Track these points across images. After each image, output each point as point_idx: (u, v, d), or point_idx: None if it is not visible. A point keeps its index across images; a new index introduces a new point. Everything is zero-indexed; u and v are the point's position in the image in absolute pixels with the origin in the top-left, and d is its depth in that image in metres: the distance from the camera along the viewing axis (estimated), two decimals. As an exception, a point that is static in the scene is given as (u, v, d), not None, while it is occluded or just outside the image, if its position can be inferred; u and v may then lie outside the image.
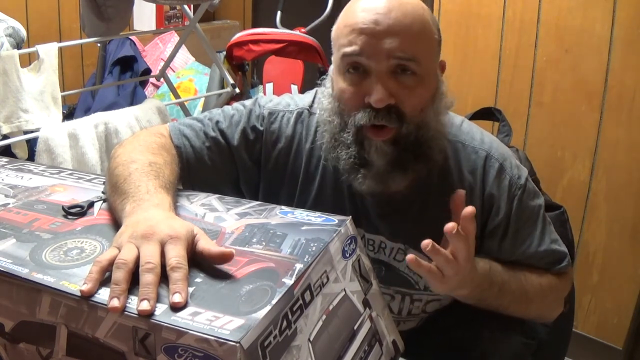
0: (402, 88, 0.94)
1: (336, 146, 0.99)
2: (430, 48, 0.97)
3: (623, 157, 1.87)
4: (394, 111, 0.94)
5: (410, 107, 0.95)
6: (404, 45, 0.92)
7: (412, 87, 0.94)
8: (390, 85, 0.93)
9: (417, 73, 0.94)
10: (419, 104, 0.95)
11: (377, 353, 0.82)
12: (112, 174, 0.88)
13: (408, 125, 0.95)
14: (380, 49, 0.92)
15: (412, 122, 0.95)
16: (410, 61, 0.93)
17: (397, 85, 0.94)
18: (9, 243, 0.75)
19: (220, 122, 1.07)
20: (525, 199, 1.05)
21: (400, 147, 0.96)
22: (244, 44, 2.30)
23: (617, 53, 1.82)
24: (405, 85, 0.94)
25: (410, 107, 0.95)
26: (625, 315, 1.95)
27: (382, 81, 0.93)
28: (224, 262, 0.70)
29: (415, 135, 0.96)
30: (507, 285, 1.02)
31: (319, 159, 1.06)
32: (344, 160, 0.98)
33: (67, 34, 2.83)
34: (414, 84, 0.94)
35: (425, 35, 0.96)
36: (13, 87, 1.69)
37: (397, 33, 0.92)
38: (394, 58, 0.92)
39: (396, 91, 0.93)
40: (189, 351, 0.59)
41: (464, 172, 1.04)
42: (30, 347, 0.69)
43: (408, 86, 0.94)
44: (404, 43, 0.92)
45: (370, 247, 1.07)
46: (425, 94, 0.96)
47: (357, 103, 0.95)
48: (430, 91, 0.97)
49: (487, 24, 2.05)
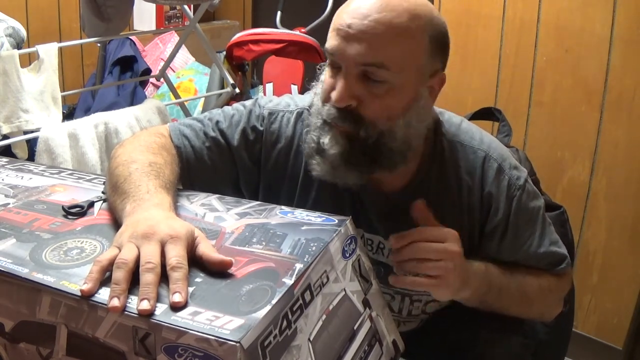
0: (368, 94, 0.92)
1: (308, 131, 1.00)
2: (412, 58, 0.92)
3: (623, 157, 1.87)
4: (353, 115, 0.93)
5: (372, 114, 0.93)
6: (372, 53, 0.90)
7: (379, 94, 0.92)
8: (355, 88, 0.92)
9: (387, 81, 0.91)
10: (383, 112, 0.93)
11: (377, 353, 0.82)
12: (112, 173, 0.89)
13: (368, 130, 0.93)
14: (348, 54, 0.91)
15: (374, 127, 0.93)
16: (377, 68, 0.91)
17: (363, 90, 0.92)
18: (9, 243, 0.75)
19: (220, 122, 1.07)
20: (524, 200, 1.04)
21: (355, 145, 0.94)
22: (244, 44, 2.30)
23: (617, 53, 1.82)
24: (372, 92, 0.92)
25: (372, 114, 0.93)
26: (625, 315, 1.95)
27: (347, 82, 0.92)
28: (222, 269, 0.70)
29: (375, 141, 0.94)
30: (507, 286, 1.02)
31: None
32: (307, 144, 1.00)
33: (67, 34, 2.83)
34: (382, 92, 0.92)
35: (404, 44, 0.91)
36: (13, 87, 1.69)
37: (366, 40, 0.90)
38: (361, 64, 0.91)
39: (360, 95, 0.92)
40: (189, 351, 0.59)
41: (462, 172, 1.04)
42: (31, 347, 0.69)
43: (374, 93, 0.92)
44: (372, 50, 0.90)
45: (369, 247, 1.07)
46: (395, 104, 0.93)
47: (327, 95, 0.95)
48: (402, 101, 0.94)
49: (487, 24, 2.05)
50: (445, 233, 0.93)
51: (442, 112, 1.09)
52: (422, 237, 0.92)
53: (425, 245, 0.91)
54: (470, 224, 1.05)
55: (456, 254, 0.92)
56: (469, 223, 1.05)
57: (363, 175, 0.97)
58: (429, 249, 0.91)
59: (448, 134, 1.05)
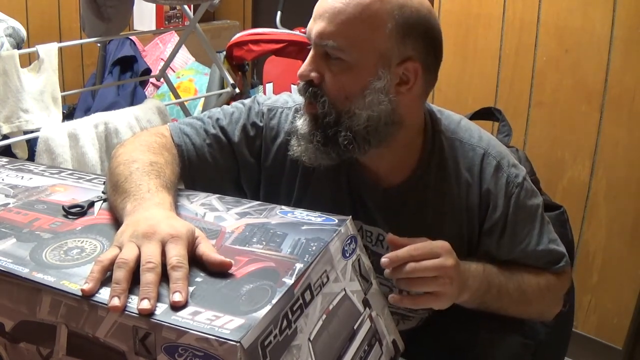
0: (328, 71, 0.96)
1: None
2: (372, 41, 0.93)
3: (623, 157, 1.87)
4: (315, 89, 0.97)
5: (329, 91, 0.96)
6: (330, 31, 0.94)
7: (335, 72, 0.95)
8: (318, 64, 0.96)
9: (344, 60, 0.94)
10: (339, 90, 0.96)
11: (377, 353, 0.82)
12: (113, 173, 0.89)
13: (327, 106, 0.97)
14: (312, 32, 0.96)
15: (333, 105, 0.96)
16: (334, 48, 0.94)
17: (325, 67, 0.96)
18: (9, 243, 0.75)
19: (220, 120, 1.08)
20: (522, 197, 1.05)
21: (319, 125, 0.98)
22: (244, 44, 2.30)
23: (617, 53, 1.82)
24: (330, 69, 0.96)
25: (329, 91, 0.96)
26: (625, 315, 1.95)
27: (312, 59, 0.97)
28: (221, 270, 0.70)
29: (335, 120, 0.97)
30: (505, 285, 1.02)
31: None
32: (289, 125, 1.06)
33: (67, 34, 2.82)
34: (338, 70, 0.95)
35: (364, 24, 0.93)
36: (13, 87, 1.69)
37: (327, 18, 0.94)
38: (317, 40, 0.95)
39: (321, 72, 0.96)
40: (189, 351, 0.59)
41: (461, 169, 1.04)
42: (31, 346, 0.69)
43: (332, 70, 0.96)
44: (331, 29, 0.94)
45: (368, 239, 1.07)
46: (352, 83, 0.95)
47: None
48: (360, 82, 0.95)
49: (487, 24, 2.05)
50: (438, 248, 0.91)
51: (441, 110, 1.09)
52: (416, 255, 0.90)
53: (420, 264, 0.89)
54: (469, 221, 1.05)
55: (451, 267, 0.91)
56: (468, 220, 1.05)
57: (331, 155, 0.99)
58: (424, 268, 0.89)
59: (447, 131, 1.06)
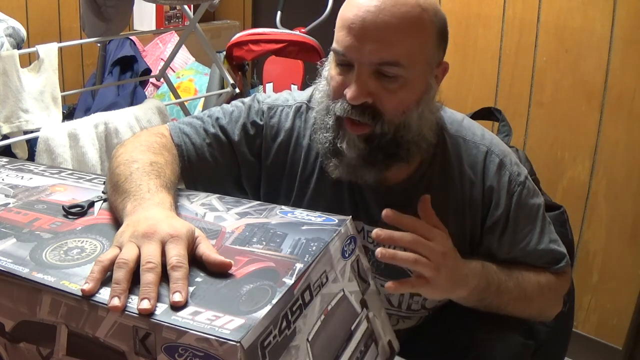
0: (383, 89, 0.93)
1: (319, 128, 1.01)
2: (423, 51, 0.94)
3: (623, 157, 1.87)
4: (370, 110, 0.94)
5: (389, 109, 0.94)
6: (387, 50, 0.91)
7: (393, 90, 0.93)
8: (370, 85, 0.92)
9: (401, 76, 0.93)
10: (399, 106, 0.94)
11: (373, 353, 0.82)
12: (113, 173, 0.89)
13: (384, 125, 0.94)
14: (362, 53, 0.91)
15: (390, 122, 0.95)
16: (392, 66, 0.91)
17: (378, 86, 0.93)
18: (9, 243, 0.75)
19: (220, 119, 1.07)
20: (524, 196, 1.05)
21: (374, 144, 0.96)
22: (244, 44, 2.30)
23: (617, 53, 1.82)
24: (386, 88, 0.93)
25: (389, 109, 0.94)
26: (625, 315, 1.95)
27: (361, 79, 0.92)
28: (221, 271, 0.70)
29: (392, 136, 0.95)
30: (505, 283, 1.02)
31: (318, 152, 1.06)
32: (321, 144, 1.00)
33: (67, 34, 2.83)
34: (396, 87, 0.93)
35: (418, 38, 0.93)
36: (13, 87, 1.69)
37: (380, 38, 0.90)
38: (375, 62, 0.91)
39: (376, 91, 0.93)
40: (189, 351, 0.59)
41: (464, 167, 1.05)
42: (31, 346, 0.69)
43: (389, 89, 0.93)
44: (387, 48, 0.91)
45: (370, 239, 1.07)
46: (409, 97, 0.95)
47: (339, 92, 0.96)
48: (415, 94, 0.95)
49: (487, 24, 2.05)
50: (434, 233, 0.92)
51: (444, 109, 1.09)
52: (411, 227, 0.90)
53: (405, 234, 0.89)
54: (472, 218, 1.05)
55: (439, 254, 0.90)
56: (470, 217, 1.05)
57: (382, 171, 0.99)
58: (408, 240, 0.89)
59: (450, 129, 1.06)
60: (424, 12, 0.93)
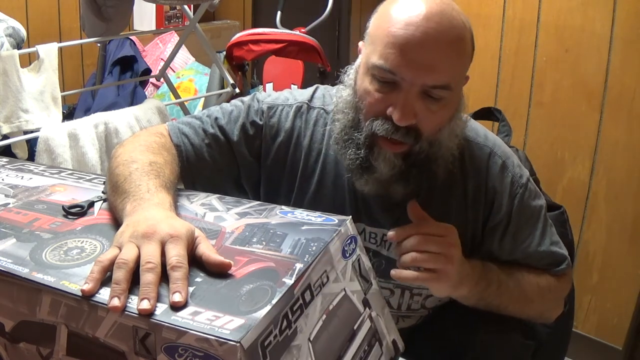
0: (426, 110, 0.93)
1: (346, 141, 0.99)
2: (464, 70, 0.97)
3: (623, 157, 1.87)
4: (413, 131, 0.94)
5: (429, 128, 0.94)
6: (440, 74, 0.91)
7: (435, 110, 0.93)
8: (416, 106, 0.92)
9: (445, 97, 0.93)
10: (438, 125, 0.95)
11: (377, 353, 0.82)
12: (112, 173, 0.89)
13: (422, 143, 0.95)
14: (416, 74, 0.90)
15: (426, 140, 0.95)
16: (442, 89, 0.92)
17: (422, 107, 0.92)
18: (9, 243, 0.75)
19: (219, 119, 1.07)
20: (526, 198, 1.05)
21: (410, 162, 0.96)
22: (244, 44, 2.30)
23: (617, 53, 1.82)
24: (429, 108, 0.93)
25: (429, 128, 0.94)
26: (625, 315, 1.95)
27: (409, 101, 0.91)
28: (220, 271, 0.70)
29: (426, 153, 0.96)
30: (505, 283, 1.03)
31: (319, 152, 1.06)
32: (350, 160, 0.98)
33: (67, 34, 2.83)
34: (438, 108, 0.93)
35: (463, 59, 0.95)
36: (13, 87, 1.69)
37: (436, 62, 0.90)
38: (428, 85, 0.91)
39: (420, 112, 0.92)
40: (189, 351, 0.59)
41: (467, 167, 1.05)
42: (31, 346, 0.69)
43: (431, 109, 0.93)
44: (441, 72, 0.91)
45: (372, 240, 1.07)
46: (446, 115, 0.96)
47: (378, 111, 0.94)
48: (451, 111, 0.97)
49: (487, 24, 2.05)
50: (445, 228, 0.95)
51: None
52: (422, 230, 0.94)
53: (426, 237, 0.93)
54: (474, 219, 1.05)
55: (454, 246, 0.94)
56: (473, 217, 1.05)
57: (410, 186, 0.99)
58: (429, 241, 0.93)
59: None
60: (468, 32, 0.94)
